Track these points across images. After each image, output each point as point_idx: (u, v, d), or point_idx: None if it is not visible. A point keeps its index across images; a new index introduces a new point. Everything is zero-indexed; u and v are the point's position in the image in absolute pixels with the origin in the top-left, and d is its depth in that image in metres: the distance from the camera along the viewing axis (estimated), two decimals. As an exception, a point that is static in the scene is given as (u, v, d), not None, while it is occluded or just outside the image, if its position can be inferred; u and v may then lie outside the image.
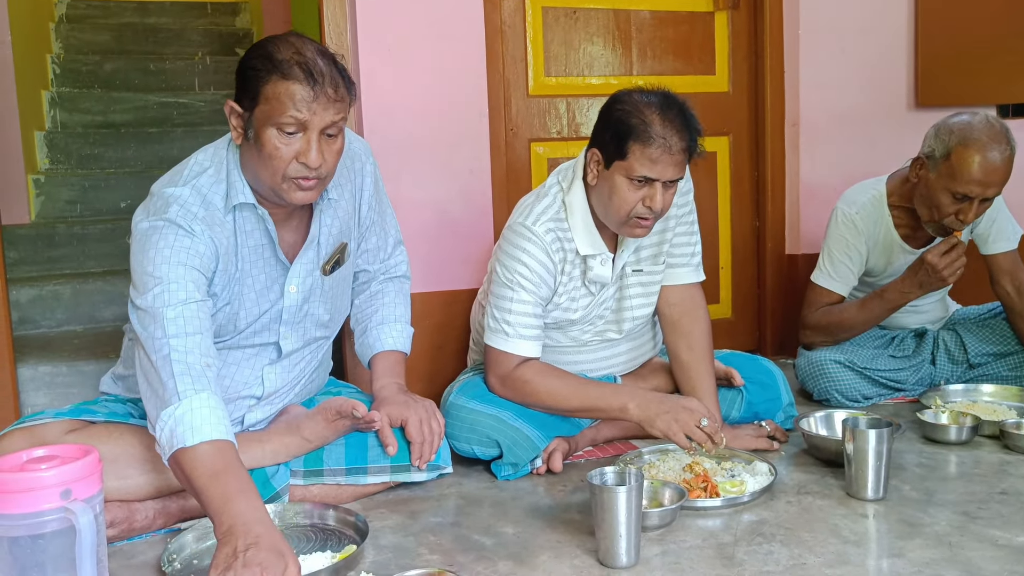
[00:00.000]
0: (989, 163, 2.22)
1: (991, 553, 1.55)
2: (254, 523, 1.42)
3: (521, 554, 1.63)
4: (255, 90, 1.64)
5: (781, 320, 3.18)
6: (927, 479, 1.93)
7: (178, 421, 1.52)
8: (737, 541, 1.64)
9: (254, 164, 1.70)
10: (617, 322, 2.18)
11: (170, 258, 1.64)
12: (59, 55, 4.32)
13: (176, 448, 1.51)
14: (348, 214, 1.93)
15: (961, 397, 2.45)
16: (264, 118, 1.63)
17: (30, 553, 1.37)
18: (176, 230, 1.66)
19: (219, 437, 1.52)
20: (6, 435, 1.73)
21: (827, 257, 2.54)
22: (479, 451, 2.04)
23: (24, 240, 3.41)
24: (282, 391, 1.94)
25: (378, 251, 2.10)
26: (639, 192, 1.92)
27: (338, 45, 2.59)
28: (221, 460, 1.50)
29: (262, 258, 1.81)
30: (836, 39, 3.07)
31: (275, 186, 1.69)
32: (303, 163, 1.64)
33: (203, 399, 1.54)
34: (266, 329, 1.86)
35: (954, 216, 2.29)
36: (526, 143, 2.89)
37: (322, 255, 1.88)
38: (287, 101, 1.61)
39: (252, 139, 1.67)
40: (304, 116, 1.61)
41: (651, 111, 1.90)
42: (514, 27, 2.84)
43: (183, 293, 1.62)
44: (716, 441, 1.86)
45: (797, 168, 3.12)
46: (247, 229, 1.77)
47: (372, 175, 1.99)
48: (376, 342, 2.06)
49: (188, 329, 1.60)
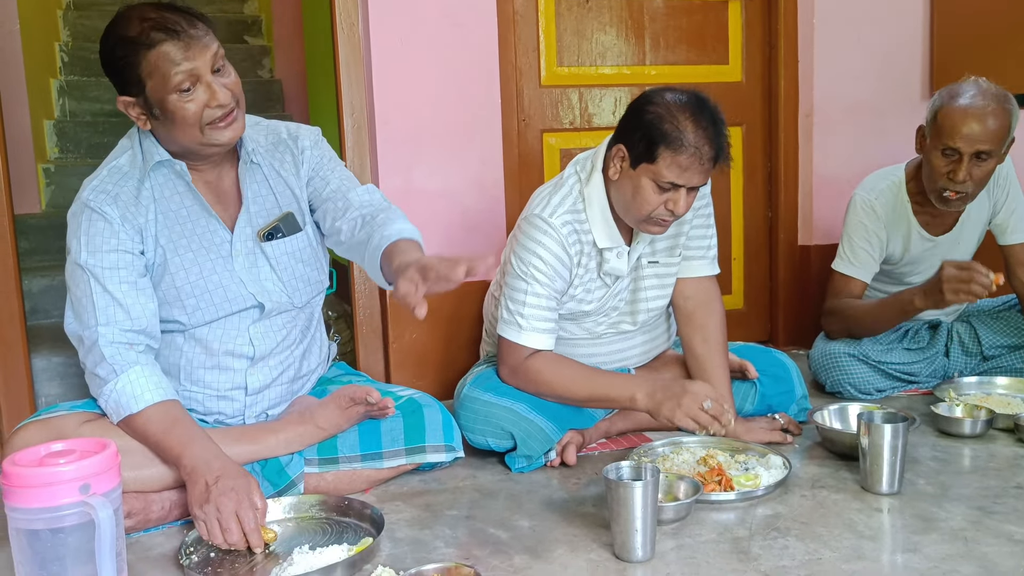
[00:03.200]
0: (972, 114, 2.23)
1: (1007, 548, 1.55)
2: (212, 459, 1.66)
3: (537, 548, 1.63)
4: (135, 75, 1.68)
5: (794, 311, 3.17)
6: (942, 473, 1.93)
7: (120, 393, 1.71)
8: (752, 535, 1.65)
9: (171, 134, 1.73)
10: (632, 313, 2.17)
11: (87, 245, 1.74)
12: (67, 43, 4.31)
13: (124, 416, 1.71)
14: (283, 185, 1.91)
15: (975, 390, 2.44)
16: (159, 91, 1.67)
17: (50, 546, 1.39)
18: (91, 215, 1.75)
19: (160, 399, 1.71)
20: (23, 428, 1.74)
21: (847, 244, 2.52)
22: (493, 443, 2.05)
23: (35, 230, 3.42)
24: (275, 356, 1.93)
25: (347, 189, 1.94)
26: (663, 195, 1.92)
27: (350, 36, 2.58)
28: (168, 417, 1.71)
29: (202, 218, 1.83)
30: (851, 29, 3.05)
31: (200, 140, 1.73)
32: (216, 106, 1.69)
33: (137, 372, 1.71)
34: (238, 295, 1.85)
35: (946, 177, 2.28)
36: (538, 133, 2.88)
37: (255, 221, 1.87)
38: (169, 65, 1.65)
39: (160, 116, 1.71)
40: (190, 66, 1.66)
41: (685, 117, 1.87)
42: (526, 16, 2.82)
43: (111, 282, 1.73)
44: (724, 422, 1.84)
45: (811, 159, 3.10)
46: (172, 191, 1.81)
47: (311, 148, 1.95)
48: (383, 239, 1.79)
49: (117, 316, 1.73)
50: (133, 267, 1.77)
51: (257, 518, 1.61)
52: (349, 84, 2.61)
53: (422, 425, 1.96)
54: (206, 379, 1.88)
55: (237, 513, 1.59)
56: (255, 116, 1.97)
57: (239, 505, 1.59)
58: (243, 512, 1.59)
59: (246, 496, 1.61)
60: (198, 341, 1.86)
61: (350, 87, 2.62)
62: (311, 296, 1.98)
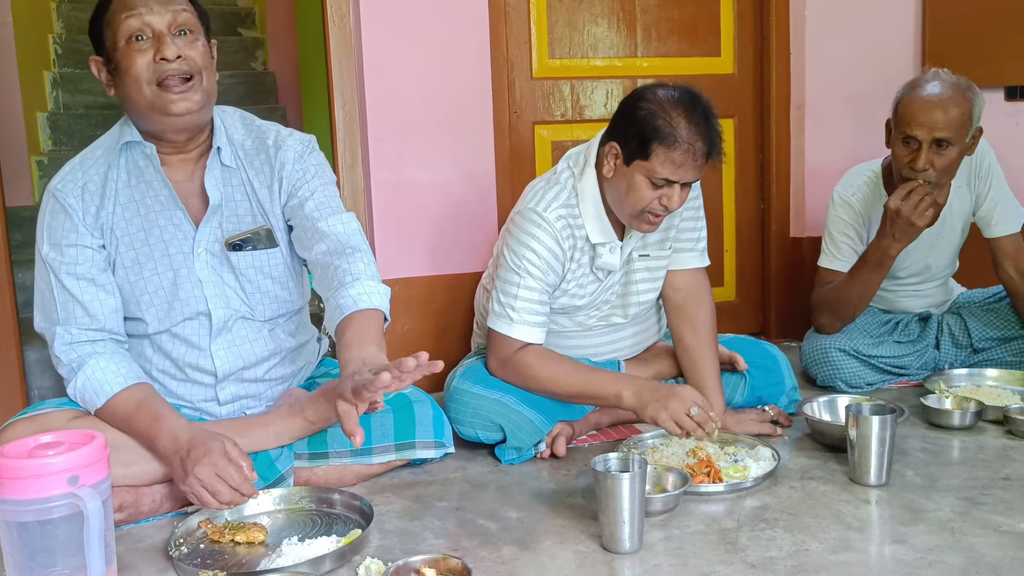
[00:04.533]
0: (930, 102, 2.25)
1: (994, 539, 1.56)
2: (179, 434, 1.67)
3: (525, 539, 1.64)
4: (100, 28, 1.72)
5: (785, 303, 3.18)
6: (930, 464, 1.94)
7: (83, 391, 1.74)
8: (740, 526, 1.65)
9: (128, 94, 1.73)
10: (623, 307, 2.18)
11: (49, 237, 1.77)
12: (60, 35, 4.29)
13: (93, 412, 1.75)
14: (253, 193, 1.85)
15: (965, 382, 2.45)
16: (113, 42, 1.71)
17: (39, 538, 1.39)
18: (54, 205, 1.77)
19: (120, 387, 1.73)
20: (11, 424, 1.75)
21: (829, 240, 2.56)
22: (483, 435, 2.05)
23: (28, 222, 3.40)
24: (246, 371, 1.89)
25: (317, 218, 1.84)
26: (657, 191, 1.93)
27: (341, 28, 2.58)
28: (132, 403, 1.73)
29: (167, 209, 1.81)
30: (843, 21, 3.05)
31: (151, 103, 1.71)
32: (161, 59, 1.68)
33: (92, 365, 1.73)
34: (191, 296, 1.82)
35: (908, 165, 2.30)
36: (530, 126, 2.88)
37: (226, 225, 1.83)
38: (123, 11, 1.69)
39: (114, 71, 1.73)
40: (143, 12, 1.68)
41: (677, 113, 1.88)
42: (518, 8, 2.82)
43: (70, 278, 1.76)
44: (708, 430, 1.84)
45: (802, 151, 3.10)
46: (139, 177, 1.81)
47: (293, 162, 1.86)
48: (340, 309, 1.74)
49: (75, 314, 1.76)
50: (93, 262, 1.77)
51: (237, 472, 1.63)
52: (340, 76, 2.61)
53: (412, 421, 1.96)
54: (178, 391, 1.88)
55: (218, 474, 1.62)
56: (251, 114, 1.95)
57: (216, 466, 1.62)
58: (223, 472, 1.62)
59: (220, 456, 1.63)
60: (165, 353, 1.86)
61: (341, 79, 2.61)
62: (277, 313, 1.92)
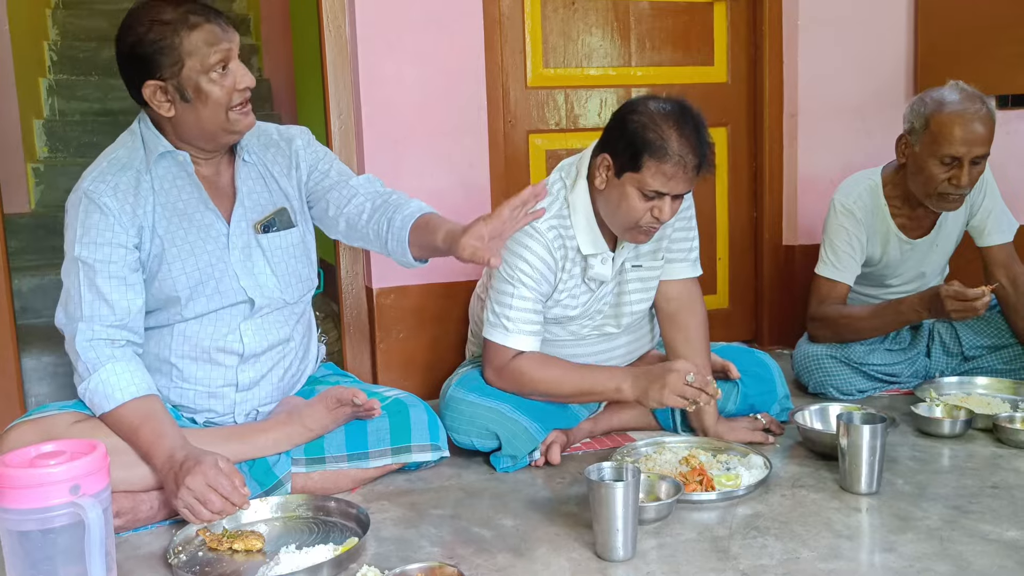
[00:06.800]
0: (967, 119, 2.26)
1: (981, 547, 1.58)
2: (176, 451, 1.70)
3: (520, 547, 1.66)
4: (174, 56, 1.73)
5: (778, 311, 3.20)
6: (920, 473, 1.96)
7: (94, 392, 1.75)
8: (732, 535, 1.67)
9: (198, 117, 1.78)
10: (616, 316, 2.20)
11: (82, 236, 1.78)
12: (56, 42, 4.30)
13: (100, 414, 1.77)
14: (275, 184, 1.97)
15: (955, 390, 2.47)
16: (195, 71, 1.74)
17: (40, 546, 1.41)
18: (88, 205, 1.78)
19: (132, 396, 1.75)
20: (13, 428, 1.76)
21: (829, 249, 2.54)
22: (478, 443, 2.07)
23: (25, 229, 3.43)
24: (266, 353, 1.95)
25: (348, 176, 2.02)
26: (649, 203, 1.95)
27: (336, 37, 2.60)
28: (139, 414, 1.74)
29: (199, 210, 1.87)
30: (835, 30, 3.08)
31: (223, 124, 1.79)
32: (243, 88, 1.78)
33: (110, 368, 1.75)
34: (230, 288, 1.88)
35: (947, 182, 2.31)
36: (524, 135, 2.90)
37: (250, 214, 1.92)
38: (208, 44, 1.74)
39: (191, 98, 1.76)
40: (228, 47, 1.76)
41: (668, 125, 1.90)
42: (512, 18, 2.84)
43: (101, 275, 1.77)
44: (710, 392, 1.87)
45: (795, 159, 3.13)
46: (171, 183, 1.85)
47: (305, 147, 2.02)
48: (407, 218, 1.89)
49: (100, 311, 1.77)
50: (125, 262, 1.79)
51: (228, 483, 1.65)
52: (336, 85, 2.63)
53: (408, 425, 1.99)
54: (197, 375, 1.90)
55: (208, 484, 1.64)
56: None
57: (206, 477, 1.64)
58: (213, 481, 1.64)
59: (211, 468, 1.66)
60: (188, 337, 1.88)
61: (337, 88, 2.63)
62: (302, 293, 2.01)
